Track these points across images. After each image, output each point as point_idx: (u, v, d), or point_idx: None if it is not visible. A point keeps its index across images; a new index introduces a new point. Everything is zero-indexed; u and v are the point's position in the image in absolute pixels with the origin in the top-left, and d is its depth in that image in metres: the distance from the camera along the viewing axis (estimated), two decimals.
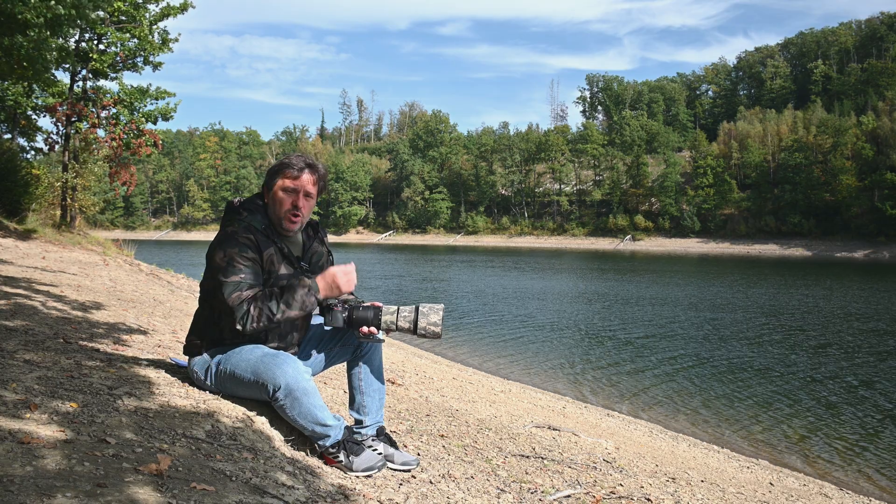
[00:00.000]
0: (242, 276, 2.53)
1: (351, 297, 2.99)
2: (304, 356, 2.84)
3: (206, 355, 2.71)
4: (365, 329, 2.72)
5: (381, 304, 2.77)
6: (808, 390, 10.77)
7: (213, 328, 2.64)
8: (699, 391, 10.64)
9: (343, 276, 2.63)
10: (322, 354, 2.88)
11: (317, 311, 2.90)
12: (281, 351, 2.63)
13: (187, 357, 2.82)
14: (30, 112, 15.56)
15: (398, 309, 2.73)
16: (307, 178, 2.70)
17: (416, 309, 2.72)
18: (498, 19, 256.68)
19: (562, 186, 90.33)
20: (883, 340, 15.37)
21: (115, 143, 14.87)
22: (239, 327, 2.50)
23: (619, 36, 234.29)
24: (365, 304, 2.77)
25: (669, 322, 17.85)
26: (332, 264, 3.02)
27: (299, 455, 2.55)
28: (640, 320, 18.20)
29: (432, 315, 2.70)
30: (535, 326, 16.90)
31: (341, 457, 2.59)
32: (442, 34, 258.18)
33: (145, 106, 15.39)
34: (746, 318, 18.90)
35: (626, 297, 24.31)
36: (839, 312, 20.16)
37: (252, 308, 2.49)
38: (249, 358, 2.57)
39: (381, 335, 2.77)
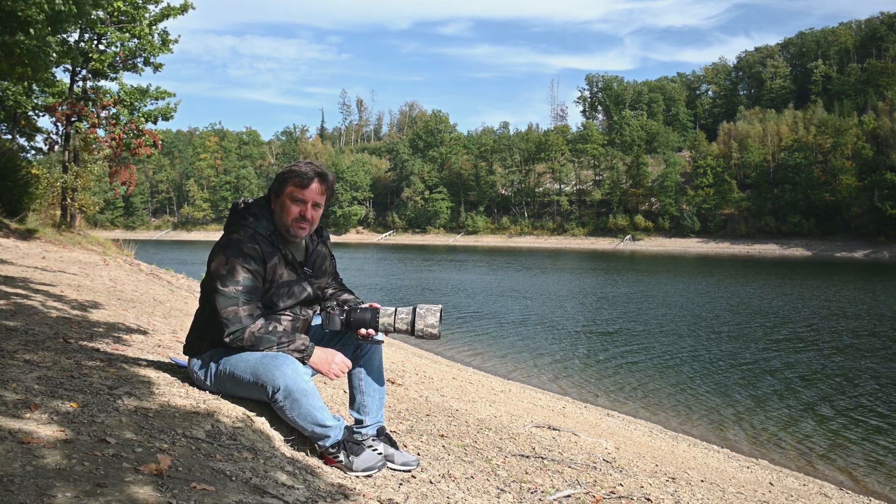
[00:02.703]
0: (239, 288, 2.54)
1: (350, 297, 2.99)
2: None
3: (206, 356, 2.71)
4: (363, 331, 2.72)
5: (378, 306, 2.77)
6: (808, 390, 10.78)
7: (213, 329, 2.64)
8: (699, 391, 10.64)
9: (339, 364, 2.65)
10: None
11: (317, 310, 2.91)
12: (280, 352, 2.62)
13: (187, 357, 2.82)
14: (30, 112, 15.55)
15: (395, 311, 2.73)
16: (316, 187, 2.69)
17: (414, 311, 2.71)
18: (499, 19, 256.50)
19: (562, 186, 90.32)
20: (884, 340, 15.37)
21: (114, 143, 14.87)
22: (226, 339, 2.54)
23: (620, 36, 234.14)
24: (362, 306, 2.76)
25: (669, 322, 17.86)
26: (335, 268, 3.02)
27: (299, 455, 2.55)
28: (640, 320, 18.20)
29: (429, 317, 2.69)
30: (534, 326, 16.90)
31: (341, 457, 2.59)
32: (443, 34, 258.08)
33: (145, 106, 15.40)
34: (746, 318, 18.90)
35: (625, 297, 24.32)
36: (839, 312, 20.16)
37: (246, 331, 2.53)
38: (249, 359, 2.57)
39: (379, 336, 2.76)
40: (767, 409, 9.63)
